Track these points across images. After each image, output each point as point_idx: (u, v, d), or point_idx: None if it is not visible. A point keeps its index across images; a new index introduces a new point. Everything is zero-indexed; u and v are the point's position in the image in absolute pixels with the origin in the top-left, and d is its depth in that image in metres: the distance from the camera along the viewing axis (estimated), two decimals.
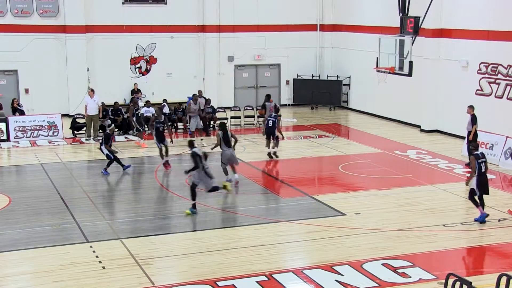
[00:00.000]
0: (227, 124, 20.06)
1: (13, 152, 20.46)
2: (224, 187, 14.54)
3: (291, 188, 16.00)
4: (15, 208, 14.28)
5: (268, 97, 20.90)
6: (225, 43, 27.43)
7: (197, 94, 22.31)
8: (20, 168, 18.49)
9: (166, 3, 26.72)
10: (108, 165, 17.20)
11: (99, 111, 21.90)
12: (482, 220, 13.03)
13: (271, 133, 19.31)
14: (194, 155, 13.79)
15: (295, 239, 12.44)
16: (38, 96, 24.93)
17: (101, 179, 17.03)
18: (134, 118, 21.42)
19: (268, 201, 15.20)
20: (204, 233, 12.63)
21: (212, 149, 16.69)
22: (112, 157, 17.28)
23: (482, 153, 13.26)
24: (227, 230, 12.84)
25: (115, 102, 23.38)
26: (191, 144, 14.26)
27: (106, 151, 17.27)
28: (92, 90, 22.30)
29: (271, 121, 19.25)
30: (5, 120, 21.54)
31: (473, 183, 13.01)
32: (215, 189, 14.06)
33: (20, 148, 20.81)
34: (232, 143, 16.24)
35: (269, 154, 19.27)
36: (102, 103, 22.55)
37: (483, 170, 12.96)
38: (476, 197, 13.01)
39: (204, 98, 23.16)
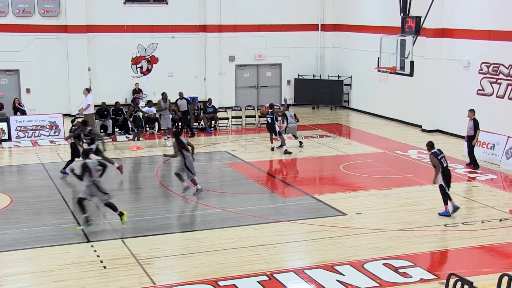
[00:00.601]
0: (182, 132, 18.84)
1: (15, 152, 20.47)
2: (121, 216, 12.83)
3: (292, 188, 16.00)
4: (16, 208, 14.30)
5: (287, 106, 21.00)
6: (226, 43, 27.43)
7: (168, 94, 21.77)
8: (21, 167, 18.49)
9: (167, 3, 26.74)
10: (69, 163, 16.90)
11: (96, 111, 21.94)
12: (446, 214, 13.38)
13: (271, 130, 19.71)
14: (84, 167, 12.61)
15: (296, 239, 12.43)
16: (40, 95, 24.95)
17: (102, 178, 17.00)
18: (131, 119, 21.25)
19: (269, 200, 15.19)
20: (204, 233, 12.61)
21: (165, 155, 15.96)
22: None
23: (439, 149, 13.55)
24: (227, 230, 12.82)
25: (116, 102, 23.40)
26: (85, 154, 13.28)
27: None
28: (87, 89, 22.20)
29: (269, 118, 19.77)
30: (6, 120, 21.56)
31: (440, 180, 13.32)
32: (111, 206, 12.83)
33: (22, 147, 20.81)
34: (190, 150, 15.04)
35: (272, 149, 19.76)
36: (103, 103, 22.55)
37: (445, 165, 13.34)
38: (447, 191, 13.39)
39: (186, 99, 22.76)
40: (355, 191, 15.63)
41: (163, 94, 21.31)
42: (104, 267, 10.90)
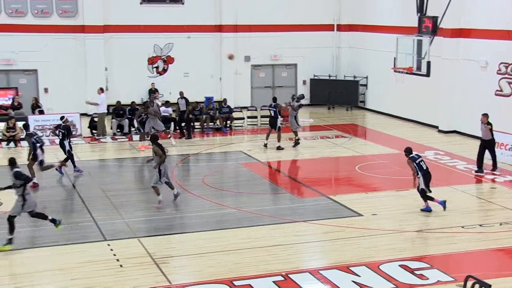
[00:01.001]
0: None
1: None
2: (8, 243, 11.75)
3: (307, 188, 15.96)
4: None
5: (303, 96, 21.64)
6: (242, 43, 27.43)
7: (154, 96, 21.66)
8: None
9: (183, 3, 26.82)
10: (69, 161, 17.00)
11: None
12: (428, 210, 13.68)
13: (273, 124, 20.01)
14: (20, 175, 11.77)
15: (311, 239, 12.40)
16: (57, 95, 25.13)
17: (118, 177, 17.13)
18: (139, 120, 21.24)
19: (284, 201, 15.18)
20: (220, 233, 12.62)
21: (155, 167, 14.41)
22: (72, 153, 17.05)
23: (417, 154, 13.89)
24: (243, 229, 12.82)
25: (132, 102, 23.49)
26: (12, 163, 12.05)
27: (68, 147, 17.03)
28: (101, 89, 22.51)
29: (272, 111, 20.12)
30: (25, 119, 21.75)
31: (421, 184, 13.57)
32: (11, 225, 11.79)
33: None
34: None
35: (265, 145, 19.98)
36: (118, 102, 22.71)
37: (425, 168, 13.65)
38: (428, 194, 13.66)
39: (185, 99, 22.92)
40: (371, 191, 15.55)
41: (149, 99, 21.36)
42: (121, 265, 10.96)
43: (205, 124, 22.94)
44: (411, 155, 13.75)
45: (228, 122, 23.60)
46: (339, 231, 12.66)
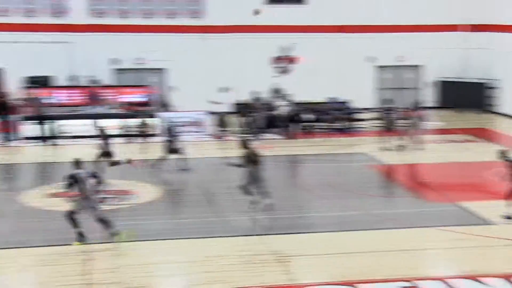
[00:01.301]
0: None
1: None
2: (115, 235, 11.68)
3: (435, 193, 15.39)
4: (165, 200, 15.10)
5: (418, 102, 21.20)
6: (366, 44, 27.07)
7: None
8: (168, 162, 19.38)
9: (306, 4, 26.92)
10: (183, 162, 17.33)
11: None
12: None
13: (392, 126, 20.05)
14: (71, 177, 11.24)
15: (440, 246, 11.93)
16: (185, 93, 26.12)
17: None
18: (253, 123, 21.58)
19: (410, 205, 14.74)
20: (344, 234, 12.49)
21: (228, 164, 14.48)
22: (181, 152, 17.35)
23: None
24: (368, 232, 12.59)
25: (254, 101, 23.91)
26: (76, 164, 11.49)
27: (175, 146, 17.36)
28: (223, 89, 23.17)
29: (390, 114, 20.27)
30: (155, 116, 22.83)
31: None
32: (103, 222, 11.67)
33: None
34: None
35: (387, 148, 19.84)
36: (243, 101, 23.36)
37: None
38: None
39: (290, 100, 23.09)
40: (504, 199, 14.64)
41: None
42: (247, 262, 11.13)
43: (328, 124, 22.84)
44: (509, 158, 12.86)
45: (352, 123, 23.35)
46: (470, 239, 12.06)
